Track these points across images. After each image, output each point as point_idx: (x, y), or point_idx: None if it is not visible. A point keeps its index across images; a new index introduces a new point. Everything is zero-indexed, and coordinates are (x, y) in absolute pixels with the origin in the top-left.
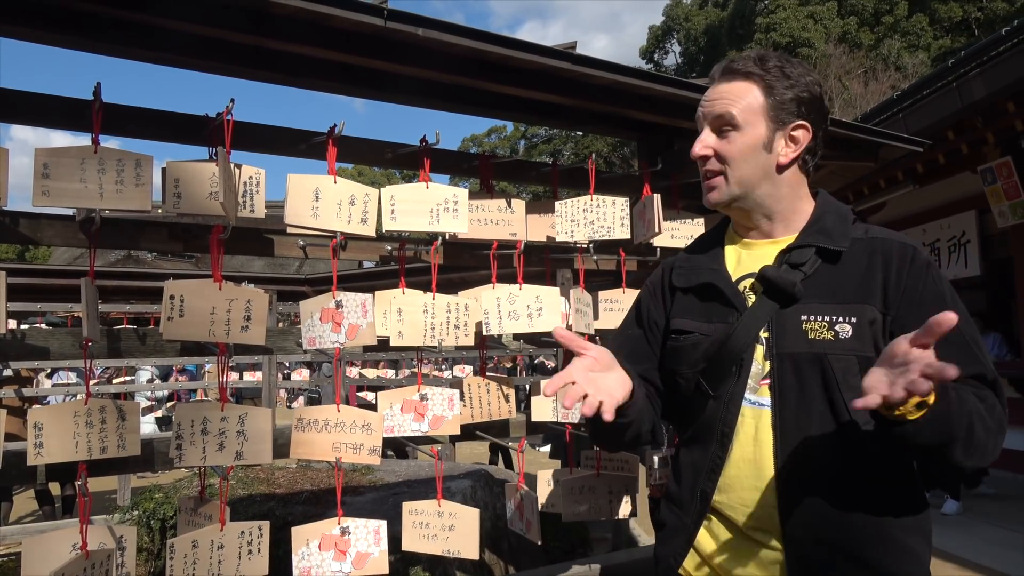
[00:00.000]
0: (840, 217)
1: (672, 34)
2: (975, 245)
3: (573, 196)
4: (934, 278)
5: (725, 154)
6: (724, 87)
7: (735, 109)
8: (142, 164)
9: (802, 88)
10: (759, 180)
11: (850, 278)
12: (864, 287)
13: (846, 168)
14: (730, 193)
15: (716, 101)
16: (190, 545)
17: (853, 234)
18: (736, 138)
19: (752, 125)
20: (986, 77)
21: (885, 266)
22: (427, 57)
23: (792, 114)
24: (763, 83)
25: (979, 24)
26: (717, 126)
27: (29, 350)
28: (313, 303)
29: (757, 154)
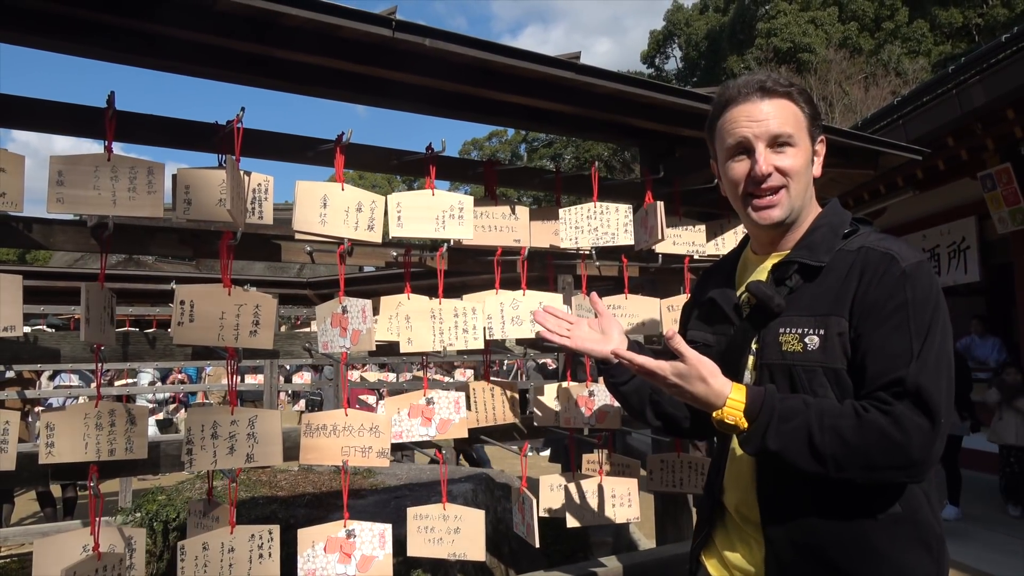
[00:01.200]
0: (831, 230)
1: (673, 39)
2: (975, 251)
3: (574, 202)
4: (905, 286)
5: (787, 169)
6: (769, 106)
7: (790, 127)
8: (154, 172)
9: (814, 105)
10: (804, 193)
11: (828, 291)
12: (838, 299)
13: (845, 175)
14: (791, 207)
15: (770, 120)
16: (201, 547)
17: (847, 246)
18: (795, 154)
19: (803, 141)
20: (986, 84)
21: (860, 276)
22: (433, 66)
23: (818, 128)
24: (799, 101)
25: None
26: (774, 143)
27: (41, 352)
28: (326, 308)
29: (808, 168)
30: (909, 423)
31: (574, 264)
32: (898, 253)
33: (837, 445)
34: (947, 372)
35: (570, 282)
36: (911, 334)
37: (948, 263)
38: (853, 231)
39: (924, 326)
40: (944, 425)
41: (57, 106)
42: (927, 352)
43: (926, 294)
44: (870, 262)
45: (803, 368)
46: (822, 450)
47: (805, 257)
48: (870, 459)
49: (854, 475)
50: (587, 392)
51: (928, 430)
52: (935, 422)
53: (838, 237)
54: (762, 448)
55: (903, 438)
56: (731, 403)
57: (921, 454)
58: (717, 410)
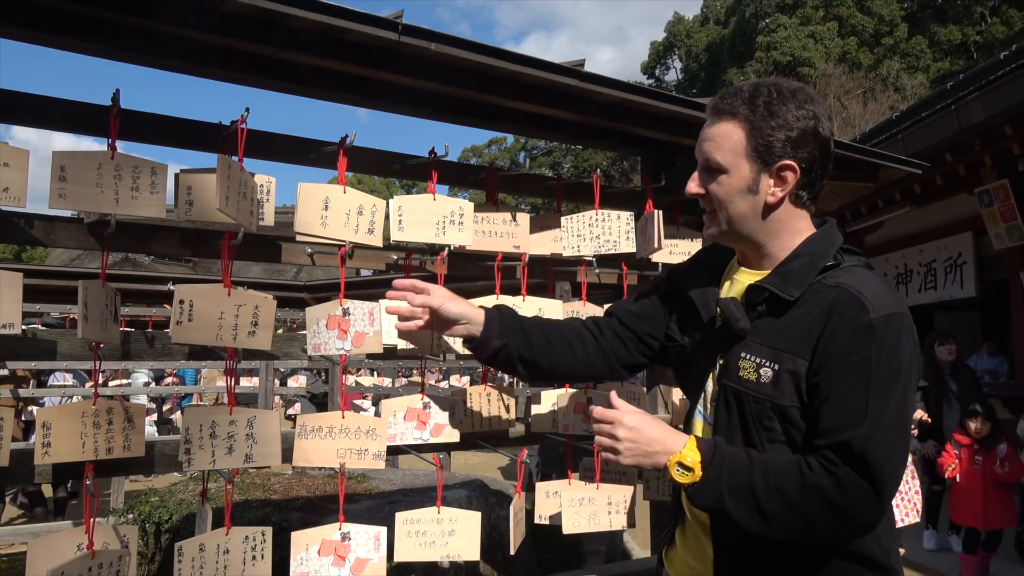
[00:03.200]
0: (811, 260)
1: (674, 50)
2: (971, 266)
3: (573, 210)
4: (871, 342)
5: (713, 195)
6: (711, 129)
7: (719, 155)
8: (157, 172)
9: (790, 127)
10: (747, 219)
11: (792, 325)
12: (800, 338)
13: (845, 188)
14: (721, 230)
15: (704, 143)
16: (197, 549)
17: (825, 280)
18: (723, 180)
19: (736, 168)
20: (984, 100)
21: (827, 318)
22: (438, 70)
23: (777, 154)
24: (748, 123)
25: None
26: (706, 167)
27: (40, 350)
28: (320, 310)
29: (742, 196)
30: (852, 488)
31: (574, 271)
32: (871, 302)
33: (780, 505)
34: (900, 437)
35: (568, 290)
36: (868, 394)
37: (944, 278)
38: (836, 264)
39: (882, 387)
40: (890, 490)
41: (61, 103)
42: (880, 414)
43: (891, 352)
44: (839, 305)
45: (753, 398)
46: (766, 510)
47: (777, 287)
48: (811, 522)
49: (797, 537)
50: (585, 399)
51: (871, 495)
52: (879, 489)
53: (815, 270)
54: (711, 505)
55: (845, 503)
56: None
57: (864, 518)
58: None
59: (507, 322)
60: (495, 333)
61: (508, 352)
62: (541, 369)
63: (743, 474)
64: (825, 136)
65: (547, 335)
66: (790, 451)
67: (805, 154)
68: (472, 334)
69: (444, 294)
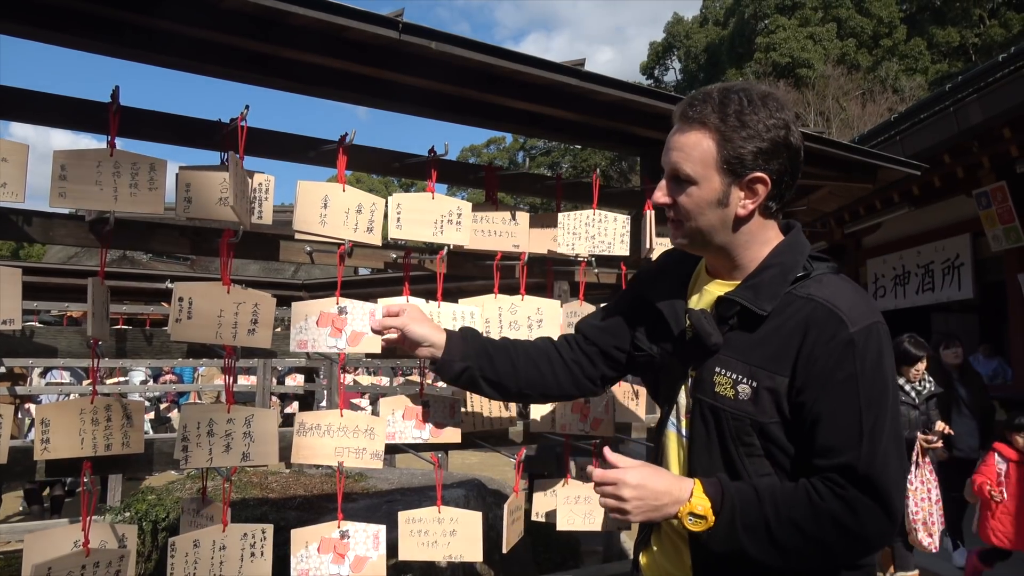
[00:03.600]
0: (781, 272)
1: (673, 51)
2: (969, 268)
3: (572, 209)
4: (854, 357)
5: (681, 207)
6: (680, 138)
7: (688, 166)
8: (156, 168)
9: (761, 139)
10: (716, 231)
11: (768, 340)
12: (778, 353)
13: (844, 189)
14: (688, 240)
15: (672, 152)
16: (191, 544)
17: (796, 290)
18: (692, 192)
19: (706, 180)
20: (983, 102)
21: (804, 334)
22: (438, 69)
23: (749, 166)
24: (718, 134)
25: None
26: (674, 177)
27: (38, 347)
28: (307, 306)
29: (712, 208)
30: (863, 509)
31: (573, 270)
32: (847, 315)
33: (797, 537)
34: (896, 449)
35: (566, 289)
36: (861, 410)
37: (942, 279)
38: (806, 273)
39: (874, 402)
40: (898, 505)
41: (60, 100)
42: (877, 431)
43: (875, 365)
44: (816, 321)
45: (732, 415)
46: (782, 543)
47: (749, 300)
48: (828, 548)
49: (815, 565)
50: (583, 400)
51: (881, 514)
52: (887, 506)
53: (787, 282)
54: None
55: (858, 526)
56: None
57: (878, 540)
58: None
59: (469, 345)
60: (456, 356)
61: (471, 375)
62: (510, 392)
63: (754, 512)
64: (796, 145)
65: (513, 358)
66: (769, 464)
67: (776, 165)
68: (435, 356)
69: (412, 316)
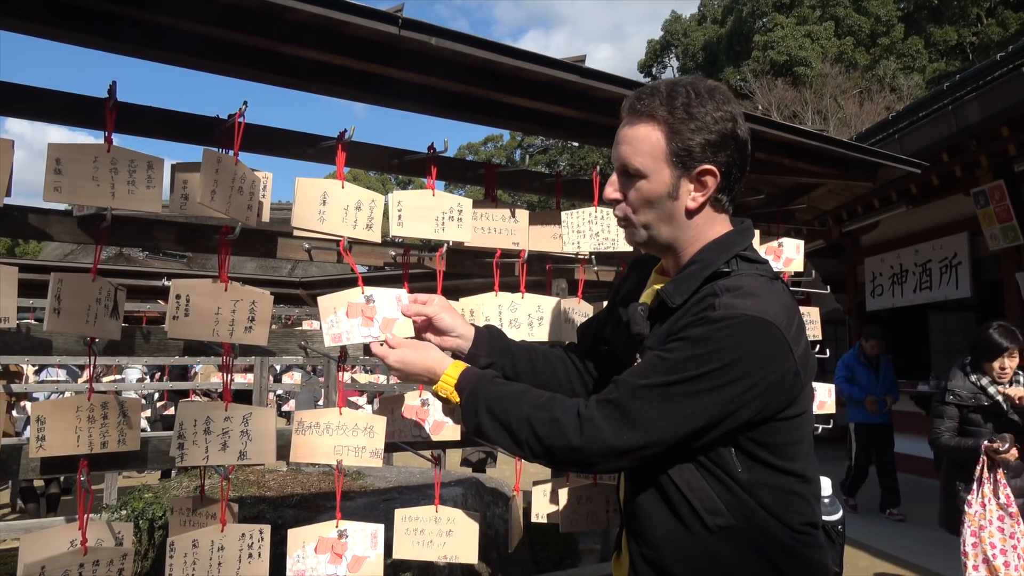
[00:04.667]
0: (699, 269)
1: (671, 49)
2: (966, 267)
3: (571, 207)
4: (701, 327)
5: (630, 201)
6: (629, 132)
7: (637, 160)
8: (154, 166)
9: (709, 131)
10: (664, 225)
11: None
12: (661, 335)
13: (844, 187)
14: (639, 236)
15: (621, 146)
16: (190, 544)
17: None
18: (641, 186)
19: (656, 173)
20: (981, 101)
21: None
22: (438, 66)
23: (697, 158)
24: (667, 126)
25: (974, 48)
26: (623, 172)
27: (34, 344)
28: (334, 299)
29: (662, 202)
30: (590, 431)
31: (572, 268)
32: (725, 302)
33: (529, 434)
34: (664, 408)
35: (564, 287)
36: (662, 361)
37: (940, 278)
38: (728, 272)
39: (678, 361)
40: (635, 444)
41: (56, 95)
42: (660, 381)
43: (710, 339)
44: (700, 303)
45: None
46: (518, 437)
47: (667, 294)
48: (552, 453)
49: (541, 462)
50: None
51: (608, 442)
52: (620, 438)
53: (701, 278)
54: (474, 429)
55: (581, 443)
56: (444, 378)
57: (597, 459)
58: (435, 385)
59: (495, 342)
60: (483, 351)
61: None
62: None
63: (503, 405)
64: (744, 138)
65: (533, 361)
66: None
67: (724, 157)
68: (461, 348)
69: (441, 304)
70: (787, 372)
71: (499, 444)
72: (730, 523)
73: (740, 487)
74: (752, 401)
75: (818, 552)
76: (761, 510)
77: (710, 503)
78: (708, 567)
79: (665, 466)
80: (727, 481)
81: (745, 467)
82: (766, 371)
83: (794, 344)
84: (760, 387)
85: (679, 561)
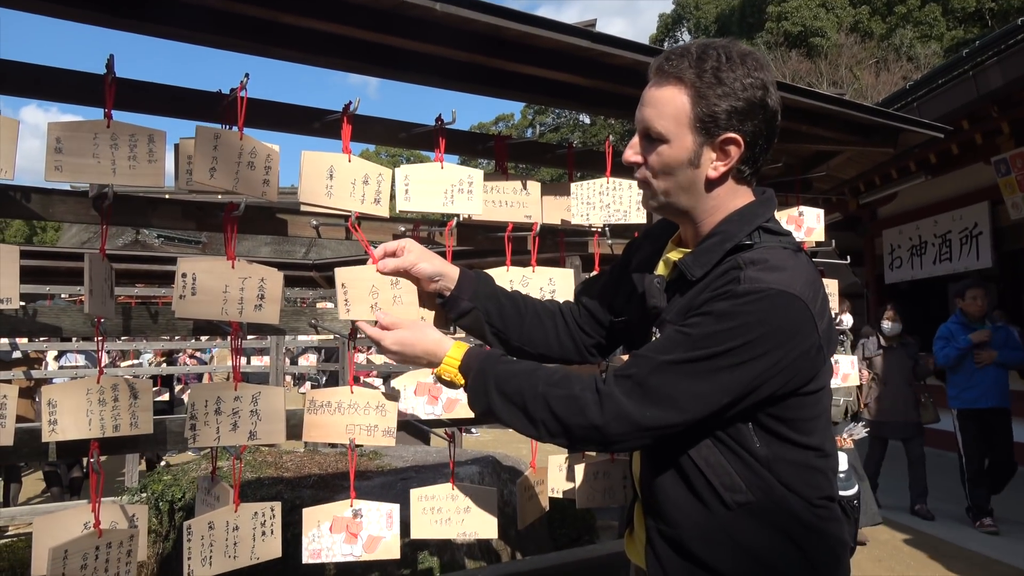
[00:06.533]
0: (721, 241)
1: (682, 22)
2: (987, 237)
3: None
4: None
5: (651, 166)
6: (654, 93)
7: (660, 124)
8: (155, 140)
9: (737, 97)
10: (683, 193)
11: (687, 303)
12: (682, 307)
13: (864, 154)
14: (661, 202)
15: (644, 108)
16: (207, 527)
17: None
18: (662, 151)
19: (678, 138)
20: (1003, 66)
21: (707, 286)
22: (444, 34)
23: (722, 126)
24: (694, 90)
25: (993, 15)
26: (645, 135)
27: (41, 327)
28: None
29: (683, 169)
30: (611, 407)
31: (586, 242)
32: (749, 275)
33: (545, 412)
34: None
35: (578, 264)
36: (685, 337)
37: (960, 249)
38: (750, 244)
39: (702, 336)
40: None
41: (53, 71)
42: (683, 357)
43: (735, 313)
44: (723, 277)
45: None
46: (533, 415)
47: (687, 266)
48: (569, 431)
49: (558, 442)
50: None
51: (630, 417)
52: (642, 414)
53: (723, 250)
54: (485, 410)
55: (601, 420)
56: (447, 360)
57: (617, 436)
58: (437, 368)
59: (481, 287)
60: (466, 294)
61: (477, 316)
62: (510, 343)
63: (513, 383)
64: (773, 108)
65: (521, 310)
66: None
67: (751, 127)
68: (444, 290)
69: (418, 253)
70: (811, 347)
71: (511, 424)
72: (748, 499)
73: (759, 462)
74: (776, 376)
75: (835, 526)
76: (779, 485)
77: (728, 479)
78: (726, 543)
79: (682, 442)
80: (745, 457)
81: (764, 442)
82: (791, 346)
83: (819, 318)
84: (784, 362)
85: (696, 538)
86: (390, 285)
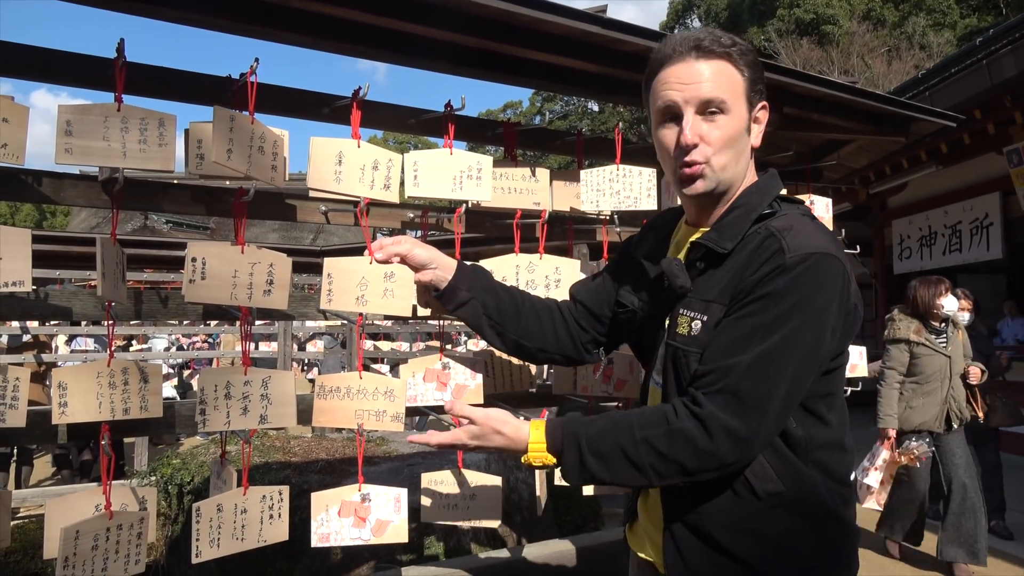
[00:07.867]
0: (746, 212)
1: (693, 9)
2: (998, 227)
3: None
4: (779, 278)
5: (716, 140)
6: (703, 66)
7: (724, 93)
8: (165, 123)
9: (759, 66)
10: (736, 166)
11: (723, 275)
12: (726, 286)
13: (876, 143)
14: (717, 179)
15: (701, 83)
16: (215, 509)
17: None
18: (725, 123)
19: (736, 108)
20: (1017, 55)
21: (748, 262)
22: (454, 18)
23: (759, 93)
24: (737, 64)
25: (1007, 3)
26: (704, 109)
27: (52, 310)
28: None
29: (741, 138)
30: (717, 428)
31: (594, 230)
32: (788, 242)
33: (652, 456)
34: (778, 375)
35: (585, 253)
36: (755, 328)
37: (970, 240)
38: (772, 212)
39: (776, 326)
40: (764, 427)
41: (64, 55)
42: (762, 350)
43: (794, 288)
44: (762, 248)
45: (684, 352)
46: (640, 463)
47: (712, 241)
48: (684, 467)
49: (675, 481)
50: (606, 361)
51: (739, 433)
52: (749, 425)
53: (749, 220)
54: (587, 478)
55: (711, 445)
56: (532, 447)
57: (733, 457)
58: (524, 456)
59: (479, 279)
60: (463, 284)
61: (474, 307)
62: (507, 338)
63: (607, 440)
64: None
65: (518, 304)
66: None
67: (765, 94)
68: (440, 280)
69: (412, 241)
70: (852, 307)
71: (619, 481)
72: (779, 489)
73: (791, 448)
74: (831, 340)
75: (850, 510)
76: (808, 472)
77: (760, 468)
78: (753, 532)
79: None
80: (778, 444)
81: (799, 422)
82: (837, 306)
83: (851, 279)
84: (837, 325)
85: (721, 526)
86: (382, 278)
